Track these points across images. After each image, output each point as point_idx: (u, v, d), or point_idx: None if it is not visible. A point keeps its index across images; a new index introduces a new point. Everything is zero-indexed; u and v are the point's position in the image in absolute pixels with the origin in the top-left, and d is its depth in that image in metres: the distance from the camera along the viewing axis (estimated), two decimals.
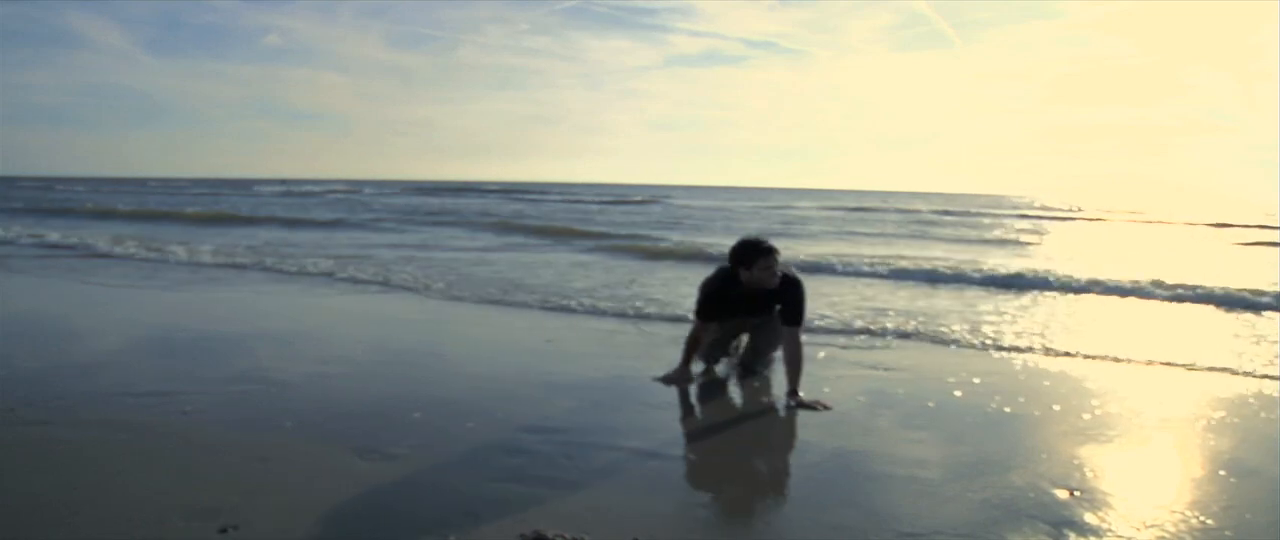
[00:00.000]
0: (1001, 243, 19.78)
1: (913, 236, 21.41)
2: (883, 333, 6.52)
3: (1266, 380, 5.17)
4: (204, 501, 2.85)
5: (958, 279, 10.28)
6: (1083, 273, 10.39)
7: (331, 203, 35.88)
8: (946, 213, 35.34)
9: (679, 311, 7.15)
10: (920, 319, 7.19)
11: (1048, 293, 9.35)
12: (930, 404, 4.50)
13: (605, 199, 44.05)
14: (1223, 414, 4.38)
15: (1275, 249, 18.32)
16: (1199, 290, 8.91)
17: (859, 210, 37.78)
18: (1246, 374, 5.34)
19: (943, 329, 6.75)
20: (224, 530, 2.63)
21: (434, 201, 38.85)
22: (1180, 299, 8.73)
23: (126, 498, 2.91)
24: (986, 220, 30.15)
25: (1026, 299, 8.86)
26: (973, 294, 9.24)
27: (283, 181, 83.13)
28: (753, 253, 4.60)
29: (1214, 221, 30.18)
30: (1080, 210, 42.88)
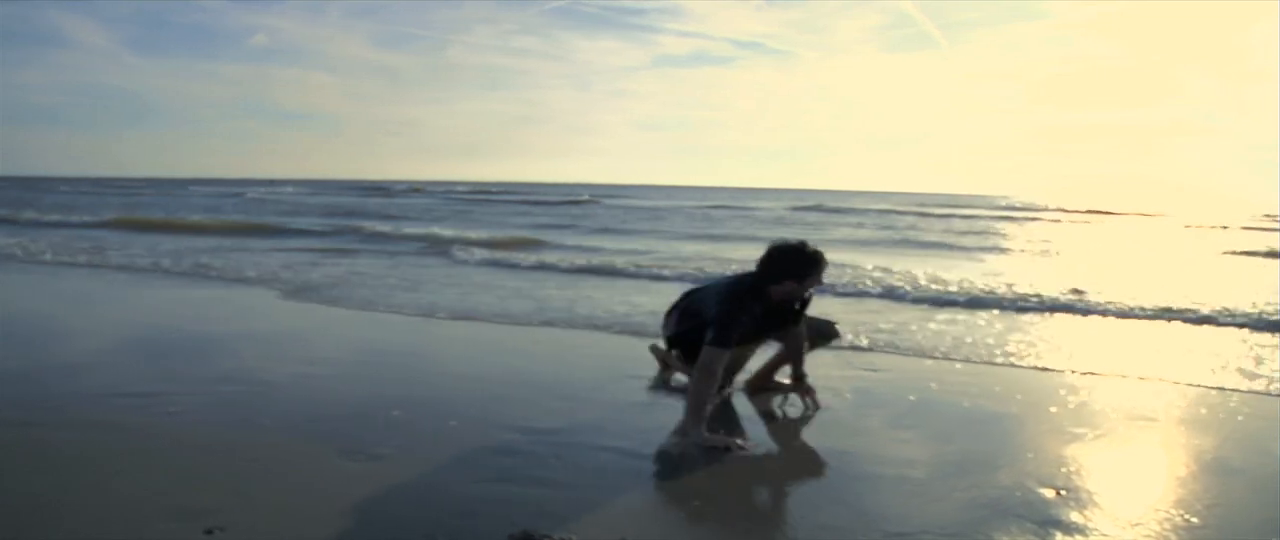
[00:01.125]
0: (953, 247, 18.81)
1: (859, 242, 20.09)
2: (847, 348, 6.53)
3: (1248, 381, 5.21)
4: (190, 502, 2.83)
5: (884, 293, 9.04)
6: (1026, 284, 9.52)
7: (241, 203, 36.49)
8: (908, 212, 35.36)
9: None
10: (885, 329, 7.20)
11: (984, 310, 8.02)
12: (916, 401, 4.53)
13: (550, 200, 44.02)
14: (1207, 414, 4.42)
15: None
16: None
17: (817, 209, 37.68)
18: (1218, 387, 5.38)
19: (915, 336, 6.77)
20: (210, 531, 2.61)
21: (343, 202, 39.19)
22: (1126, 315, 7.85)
23: (111, 498, 2.89)
24: (953, 221, 29.95)
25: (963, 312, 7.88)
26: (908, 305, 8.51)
27: (269, 182, 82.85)
28: (811, 264, 4.04)
29: (1202, 223, 30.36)
30: (1042, 208, 43.12)
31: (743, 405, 4.44)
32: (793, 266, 4.02)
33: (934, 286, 9.23)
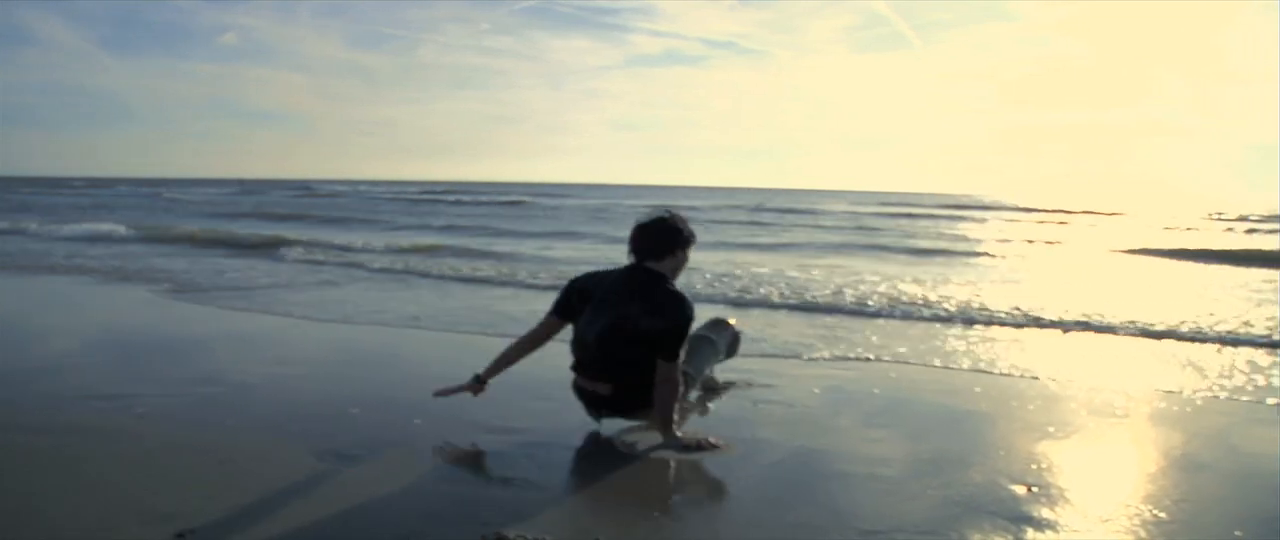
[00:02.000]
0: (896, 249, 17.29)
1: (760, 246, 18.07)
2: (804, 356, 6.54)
3: (1219, 378, 5.28)
4: (161, 506, 2.79)
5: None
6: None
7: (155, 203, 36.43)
8: (864, 212, 34.46)
9: None
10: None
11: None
12: (887, 400, 4.56)
13: (488, 201, 42.22)
14: (1174, 412, 4.47)
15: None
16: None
17: (758, 209, 36.03)
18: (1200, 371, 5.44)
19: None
20: (181, 535, 2.58)
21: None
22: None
23: (83, 502, 2.84)
24: (902, 221, 29.16)
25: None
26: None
27: (240, 182, 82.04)
28: (690, 232, 3.77)
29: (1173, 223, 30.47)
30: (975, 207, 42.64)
31: (706, 404, 4.43)
32: (676, 237, 3.69)
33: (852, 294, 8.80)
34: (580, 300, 3.77)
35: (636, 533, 2.80)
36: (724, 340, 4.43)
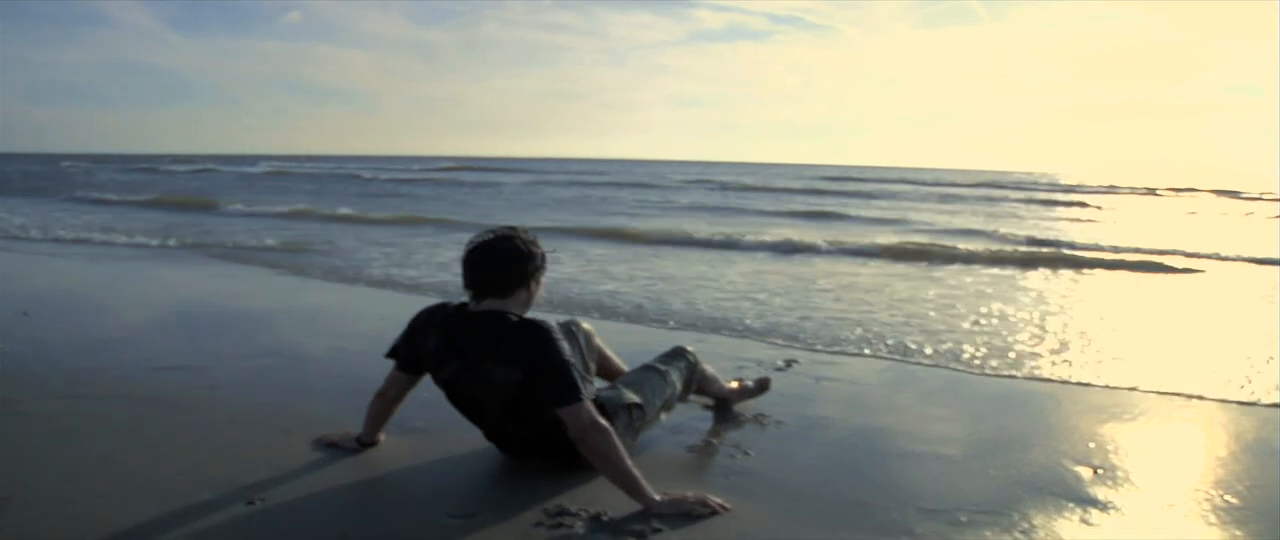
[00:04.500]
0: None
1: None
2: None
3: None
4: (231, 475, 2.86)
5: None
6: None
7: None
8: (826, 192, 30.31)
9: None
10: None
11: None
12: (948, 378, 4.51)
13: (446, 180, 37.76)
14: (1245, 395, 4.36)
15: None
16: None
17: (749, 190, 31.83)
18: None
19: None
20: (251, 503, 2.65)
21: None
22: None
23: (155, 471, 2.93)
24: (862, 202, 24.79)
25: None
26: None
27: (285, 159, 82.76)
28: (542, 252, 2.95)
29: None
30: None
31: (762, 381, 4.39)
32: (525, 264, 2.86)
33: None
34: (418, 350, 3.02)
35: None
36: (679, 371, 3.46)
